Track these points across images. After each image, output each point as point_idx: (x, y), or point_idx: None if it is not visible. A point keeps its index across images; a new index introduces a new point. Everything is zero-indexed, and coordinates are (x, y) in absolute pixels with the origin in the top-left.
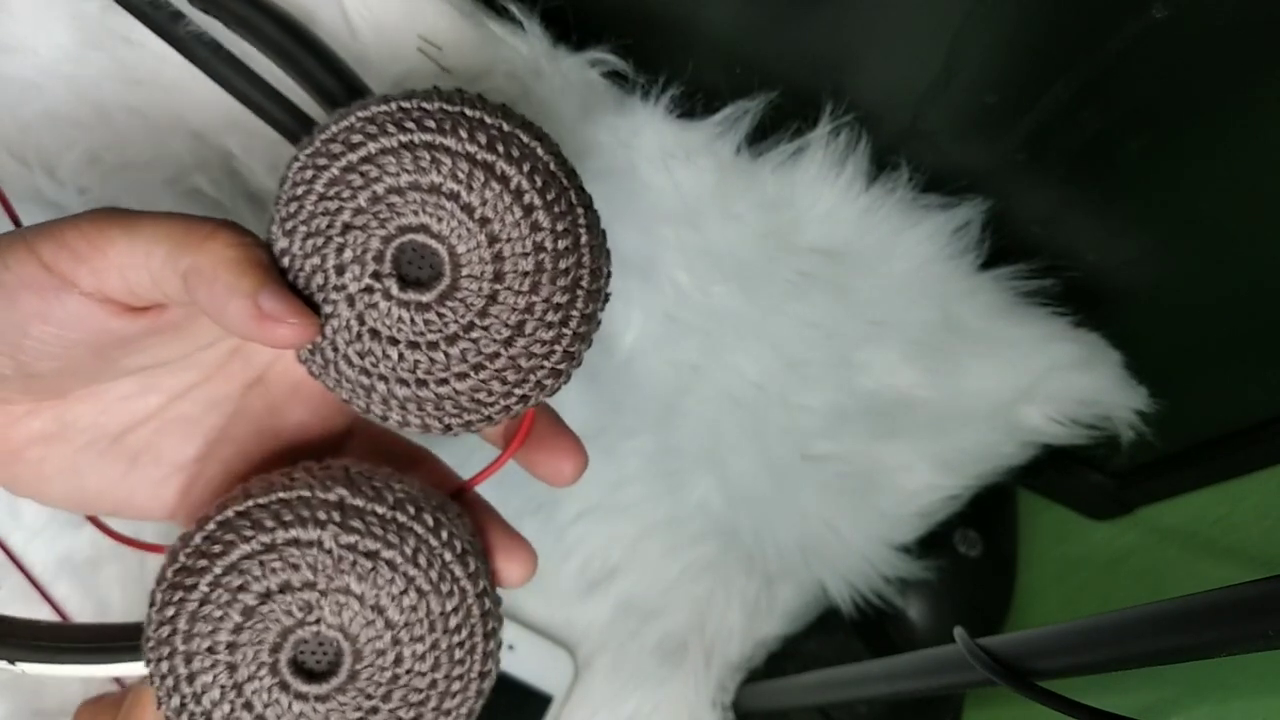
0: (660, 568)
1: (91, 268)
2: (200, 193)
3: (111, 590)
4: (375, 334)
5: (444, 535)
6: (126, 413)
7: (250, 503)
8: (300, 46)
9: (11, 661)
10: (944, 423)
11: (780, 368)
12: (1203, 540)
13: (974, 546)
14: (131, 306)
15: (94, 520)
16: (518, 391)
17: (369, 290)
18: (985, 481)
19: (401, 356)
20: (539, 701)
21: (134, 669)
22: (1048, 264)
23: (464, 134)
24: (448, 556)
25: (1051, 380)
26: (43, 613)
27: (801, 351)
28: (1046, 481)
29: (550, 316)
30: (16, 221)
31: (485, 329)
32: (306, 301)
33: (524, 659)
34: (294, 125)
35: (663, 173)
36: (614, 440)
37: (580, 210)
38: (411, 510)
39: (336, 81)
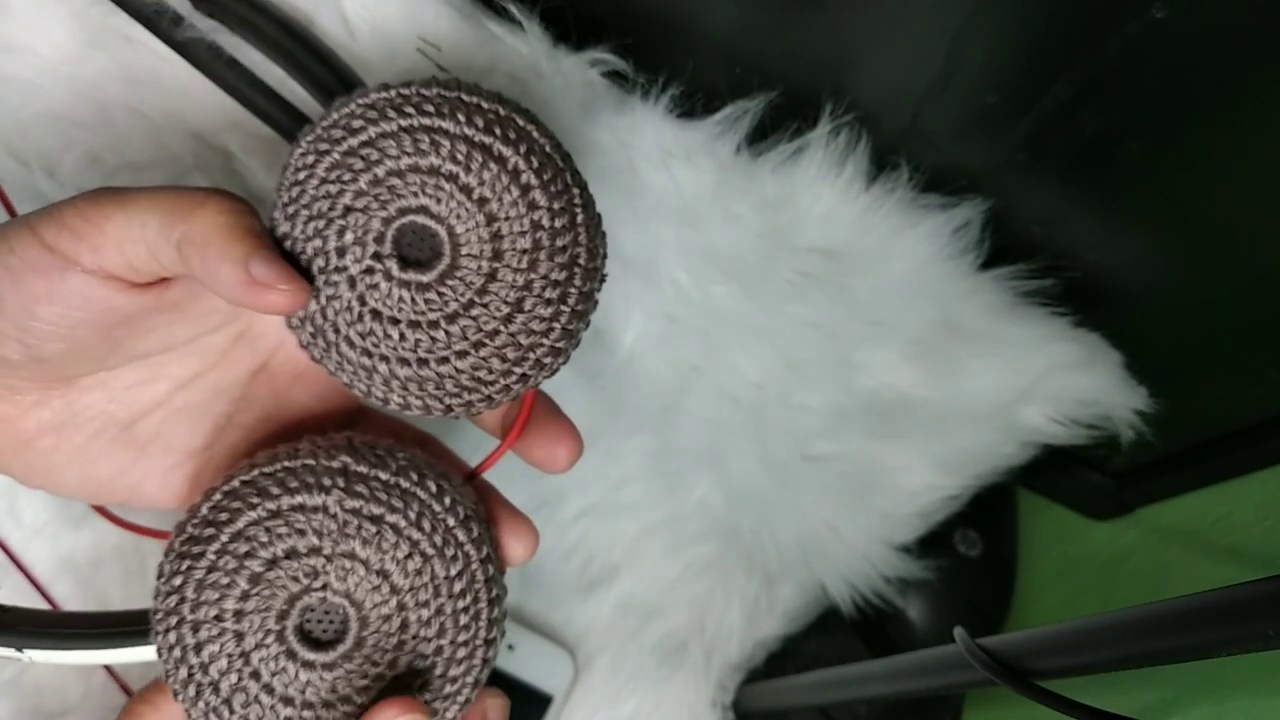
0: (660, 568)
1: (91, 245)
2: None
3: (112, 590)
4: (377, 314)
5: (447, 501)
6: (135, 401)
7: (256, 472)
8: (299, 45)
9: (19, 649)
10: (944, 423)
11: (780, 368)
12: (1203, 540)
13: (974, 546)
14: (133, 282)
15: (101, 510)
16: (518, 370)
17: (370, 271)
18: (985, 481)
19: (403, 336)
20: (539, 701)
21: (141, 654)
22: (1048, 264)
23: (462, 117)
24: (451, 521)
25: (1051, 380)
26: None
27: (801, 351)
28: (1046, 481)
29: (549, 293)
30: (14, 215)
31: (485, 306)
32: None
33: (524, 659)
34: (293, 125)
35: (663, 172)
36: (614, 440)
37: (576, 190)
38: (414, 476)
39: (335, 78)
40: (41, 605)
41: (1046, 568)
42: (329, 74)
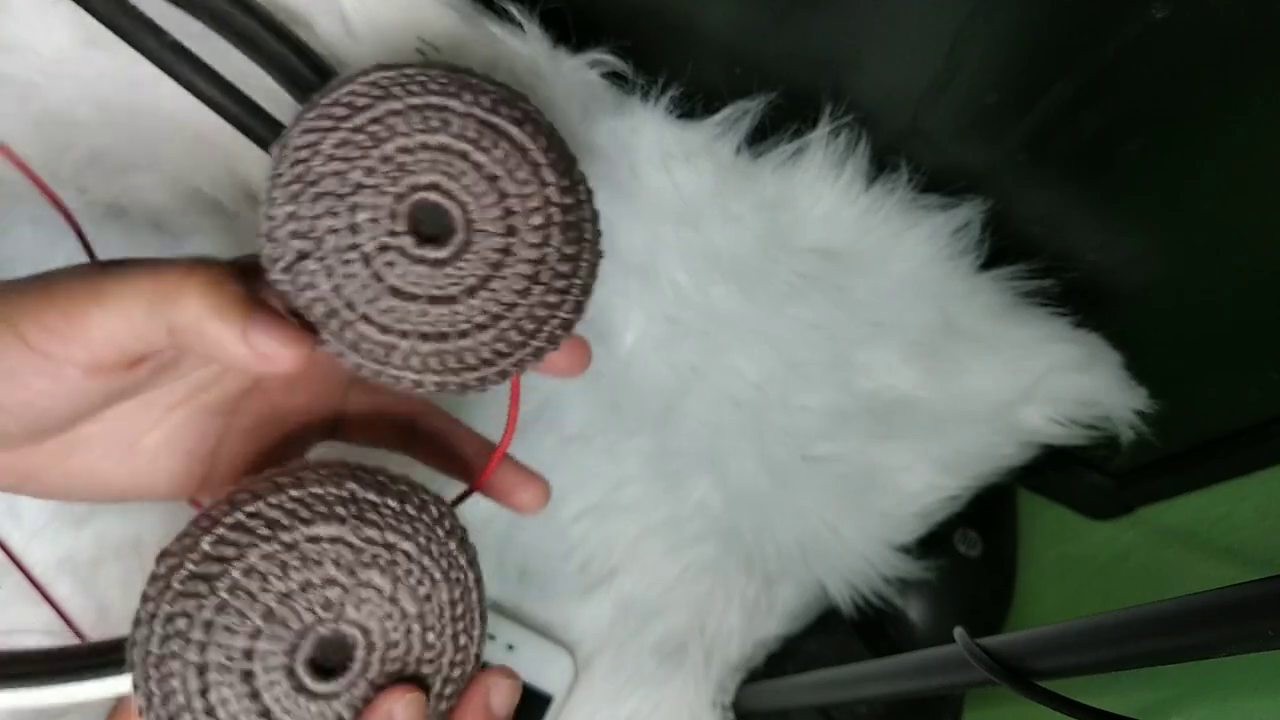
0: (660, 568)
1: (80, 343)
2: (200, 193)
3: (112, 591)
4: (396, 290)
5: (447, 525)
6: (134, 426)
7: (260, 504)
8: (274, 35)
9: None
10: (944, 423)
11: (780, 369)
12: (1203, 540)
13: (974, 546)
14: (129, 363)
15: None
16: (534, 342)
17: (385, 248)
18: (985, 482)
19: (424, 311)
20: (539, 701)
21: (115, 686)
22: (1048, 264)
23: (469, 97)
24: (452, 545)
25: (1051, 381)
26: (43, 613)
27: (801, 352)
28: (1046, 481)
29: (562, 266)
30: (92, 255)
31: (503, 279)
32: (318, 264)
33: (524, 659)
34: (269, 134)
35: (662, 173)
36: (614, 440)
37: (576, 167)
38: (417, 501)
39: (311, 71)
40: (41, 605)
41: (1046, 568)
42: (304, 66)
